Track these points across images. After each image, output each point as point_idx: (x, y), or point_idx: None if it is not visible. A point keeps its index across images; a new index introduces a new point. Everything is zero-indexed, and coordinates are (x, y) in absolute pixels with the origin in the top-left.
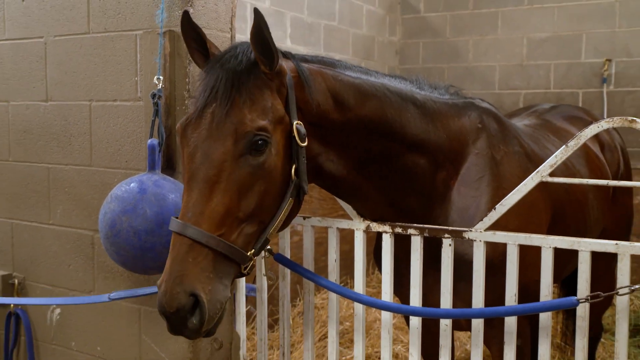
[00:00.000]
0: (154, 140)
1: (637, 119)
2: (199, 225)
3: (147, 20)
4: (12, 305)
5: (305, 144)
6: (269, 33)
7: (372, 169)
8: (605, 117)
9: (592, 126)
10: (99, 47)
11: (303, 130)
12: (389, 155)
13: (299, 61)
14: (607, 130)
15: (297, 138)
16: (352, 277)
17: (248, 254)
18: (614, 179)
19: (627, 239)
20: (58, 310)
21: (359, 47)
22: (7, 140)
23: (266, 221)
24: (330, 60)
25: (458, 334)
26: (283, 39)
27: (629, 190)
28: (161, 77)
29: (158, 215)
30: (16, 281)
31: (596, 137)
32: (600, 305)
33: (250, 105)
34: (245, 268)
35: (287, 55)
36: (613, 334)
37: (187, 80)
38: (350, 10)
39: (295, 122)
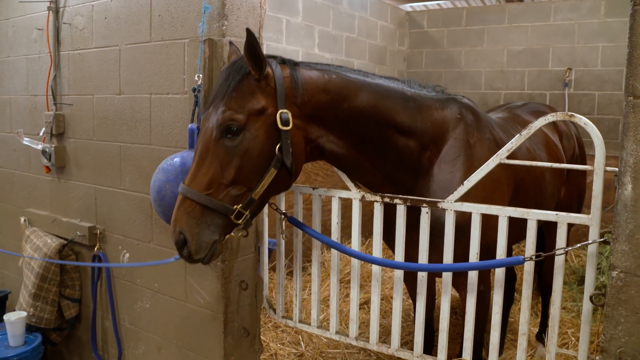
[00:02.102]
0: (193, 125)
1: (576, 115)
2: (191, 187)
3: (193, 31)
4: (95, 249)
5: (289, 127)
6: (259, 47)
7: (369, 149)
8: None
9: (540, 119)
10: (157, 52)
11: (286, 116)
12: (383, 138)
13: (294, 67)
14: (565, 123)
15: (278, 123)
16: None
17: (234, 207)
18: (569, 162)
19: (579, 210)
20: (128, 255)
21: (374, 54)
22: (92, 124)
23: (252, 186)
24: (334, 67)
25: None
26: (312, 47)
27: (582, 171)
28: (201, 75)
29: None
30: (98, 231)
31: (556, 128)
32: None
33: (233, 102)
34: (237, 218)
35: (286, 62)
36: (565, 283)
37: None
38: (367, 25)
39: (280, 111)
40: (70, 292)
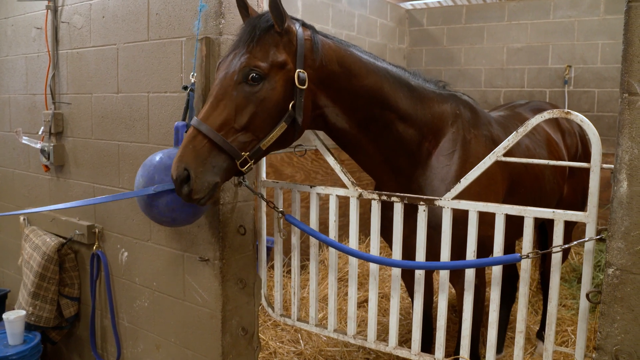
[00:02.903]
0: (179, 123)
1: (572, 112)
2: (206, 123)
3: (190, 29)
4: (94, 248)
5: (305, 87)
6: (280, 2)
7: (371, 129)
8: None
9: (536, 116)
10: (154, 51)
11: (303, 76)
12: (384, 121)
13: (315, 32)
14: (568, 121)
15: (296, 81)
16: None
17: (242, 153)
18: (572, 159)
19: (582, 207)
20: (126, 253)
21: (373, 52)
22: (91, 123)
23: (260, 136)
24: (347, 42)
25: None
26: None
27: (586, 168)
28: (195, 74)
29: (163, 180)
30: (97, 230)
31: (558, 126)
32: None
33: (257, 50)
34: (242, 166)
35: (307, 26)
36: (566, 280)
37: None
38: (367, 23)
39: (298, 70)
40: (69, 290)
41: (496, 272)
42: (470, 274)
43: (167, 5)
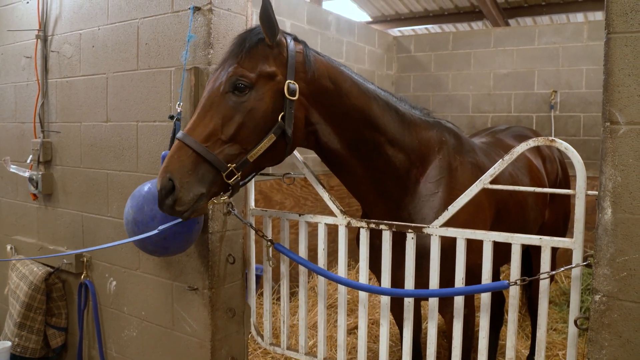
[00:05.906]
0: (166, 152)
1: (556, 139)
2: (191, 135)
3: (179, 59)
4: (82, 277)
5: (295, 98)
6: (273, 14)
7: (361, 150)
8: (553, 135)
9: (522, 144)
10: (144, 80)
11: (294, 87)
12: (373, 143)
13: (307, 46)
14: (549, 147)
15: (285, 92)
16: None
17: (228, 165)
18: (552, 185)
19: (565, 232)
20: (115, 282)
21: None
22: (80, 152)
23: (248, 147)
24: (337, 62)
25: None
26: None
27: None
28: (181, 104)
29: (152, 211)
30: (85, 259)
31: (539, 152)
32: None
33: (245, 62)
34: (229, 178)
35: (299, 40)
36: (556, 304)
37: None
38: (355, 50)
39: (288, 81)
40: (56, 320)
41: (485, 299)
42: (459, 302)
43: (156, 36)
